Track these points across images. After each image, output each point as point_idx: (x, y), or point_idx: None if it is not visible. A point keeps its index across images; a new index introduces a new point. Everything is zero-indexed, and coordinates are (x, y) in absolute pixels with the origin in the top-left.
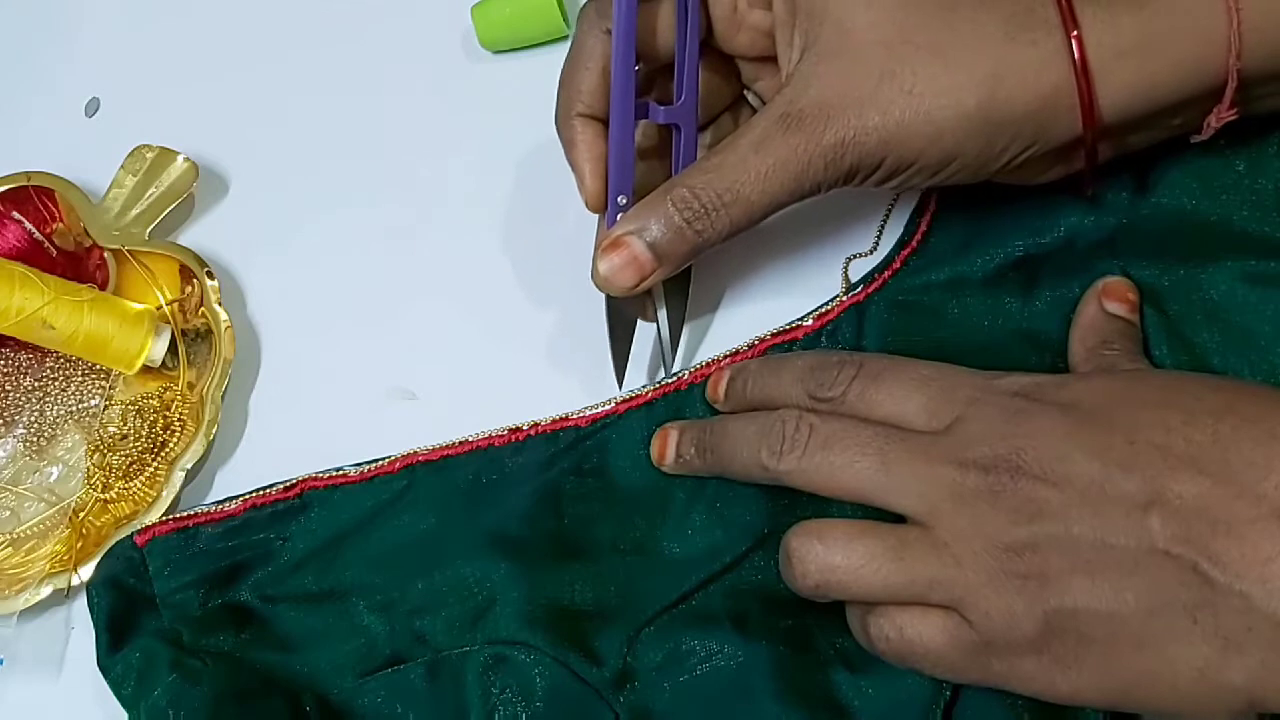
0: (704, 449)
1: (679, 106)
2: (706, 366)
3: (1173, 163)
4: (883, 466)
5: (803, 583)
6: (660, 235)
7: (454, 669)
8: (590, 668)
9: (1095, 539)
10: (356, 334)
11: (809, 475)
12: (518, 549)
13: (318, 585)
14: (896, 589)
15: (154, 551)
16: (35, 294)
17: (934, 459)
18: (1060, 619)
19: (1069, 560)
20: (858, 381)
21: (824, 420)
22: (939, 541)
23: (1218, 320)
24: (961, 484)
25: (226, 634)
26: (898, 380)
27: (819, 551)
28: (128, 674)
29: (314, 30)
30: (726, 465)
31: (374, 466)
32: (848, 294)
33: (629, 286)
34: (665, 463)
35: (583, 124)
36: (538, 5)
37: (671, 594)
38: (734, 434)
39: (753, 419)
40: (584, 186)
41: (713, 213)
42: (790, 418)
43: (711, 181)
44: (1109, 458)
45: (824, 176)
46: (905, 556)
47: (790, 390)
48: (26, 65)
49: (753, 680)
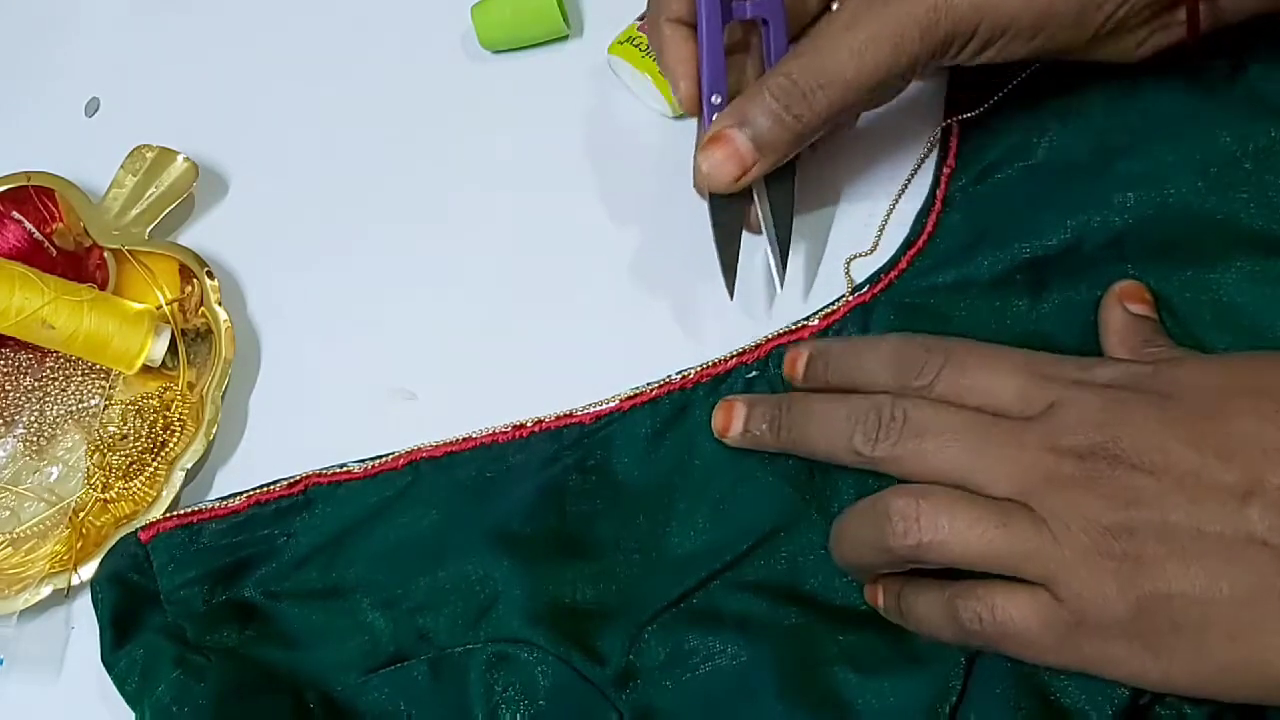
0: (780, 426)
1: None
2: (712, 366)
3: (1180, 161)
4: (975, 451)
5: (903, 541)
6: (761, 125)
7: (457, 667)
8: (593, 666)
9: (1191, 527)
10: (356, 334)
11: (902, 462)
12: (520, 546)
13: (321, 582)
14: (996, 555)
15: (158, 547)
16: (35, 294)
17: (1028, 445)
18: (1153, 603)
19: (1165, 546)
20: (948, 369)
21: (916, 406)
22: (1038, 518)
23: (1227, 320)
24: (1056, 470)
25: (230, 630)
26: (989, 368)
27: (925, 510)
28: (131, 670)
29: (314, 30)
30: (809, 446)
31: (378, 463)
32: (853, 294)
33: (731, 180)
34: (730, 435)
35: (671, 29)
36: (538, 5)
37: (673, 592)
38: (821, 417)
39: (842, 402)
40: (678, 89)
41: (810, 95)
42: (885, 404)
43: (806, 65)
44: (1206, 447)
45: (919, 48)
46: (1008, 524)
47: (876, 376)
48: (26, 65)
49: (756, 679)
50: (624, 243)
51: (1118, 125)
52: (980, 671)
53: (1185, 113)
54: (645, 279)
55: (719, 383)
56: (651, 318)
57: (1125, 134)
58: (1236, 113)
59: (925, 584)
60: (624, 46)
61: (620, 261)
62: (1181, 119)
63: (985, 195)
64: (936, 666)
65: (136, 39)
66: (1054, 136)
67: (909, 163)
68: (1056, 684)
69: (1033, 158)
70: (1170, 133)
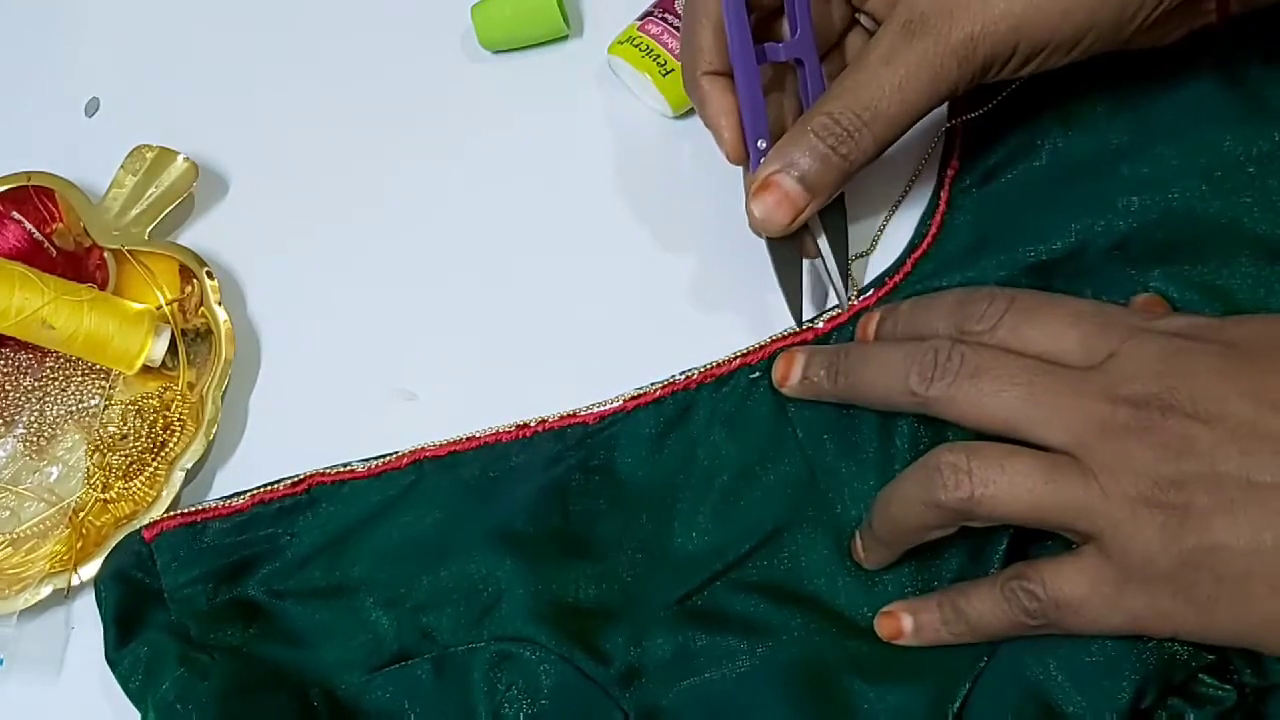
0: (838, 372)
1: (796, 40)
2: (715, 367)
3: (1183, 165)
4: (1031, 397)
5: (954, 494)
6: (808, 167)
7: (460, 665)
8: (596, 665)
9: (1241, 477)
10: (356, 334)
11: (956, 403)
12: (523, 545)
13: (325, 580)
14: (1045, 510)
15: (162, 546)
16: (35, 294)
17: (1085, 394)
18: (1197, 556)
19: (1212, 498)
20: (1010, 315)
21: (974, 350)
22: (1087, 470)
23: None
24: (1111, 419)
25: (234, 628)
26: (1052, 315)
27: (977, 465)
28: (135, 668)
29: (314, 30)
30: (865, 390)
31: (382, 462)
32: (858, 297)
33: (785, 224)
34: (790, 383)
35: (709, 81)
36: (538, 5)
37: (677, 592)
38: (878, 358)
39: (900, 345)
40: (723, 141)
41: (855, 134)
42: (943, 345)
43: (848, 103)
44: (1263, 399)
45: (958, 75)
46: (1057, 479)
47: (939, 325)
48: (26, 65)
49: (761, 679)
50: (624, 243)
51: (1121, 128)
52: (985, 679)
53: (1189, 116)
54: (647, 279)
55: (722, 383)
56: (654, 317)
57: (1129, 137)
58: (1240, 116)
59: (973, 585)
60: (624, 46)
61: (621, 262)
62: (1185, 122)
63: (989, 198)
64: (942, 673)
65: (136, 39)
66: (1057, 139)
67: (913, 165)
68: (1059, 691)
69: (1036, 160)
70: (1174, 136)
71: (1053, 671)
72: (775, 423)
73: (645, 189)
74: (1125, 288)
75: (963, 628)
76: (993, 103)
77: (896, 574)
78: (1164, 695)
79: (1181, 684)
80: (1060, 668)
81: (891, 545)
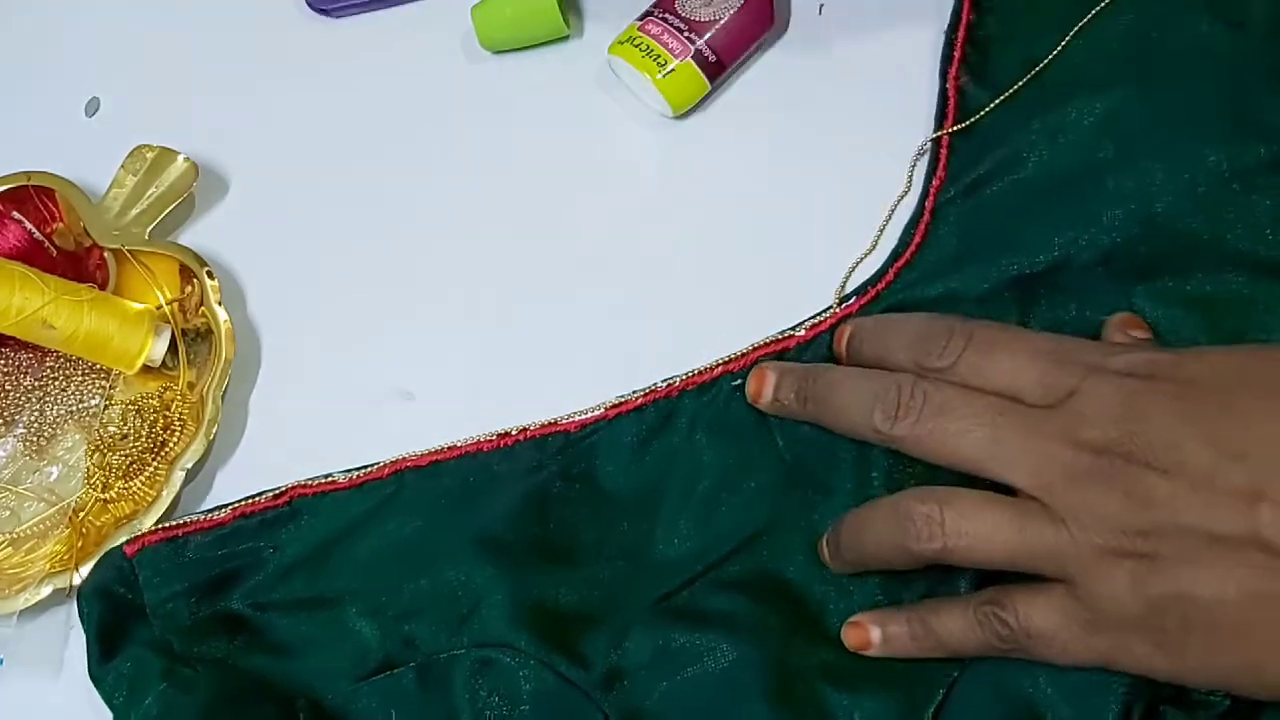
0: (806, 397)
1: None
2: (697, 374)
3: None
4: (995, 439)
5: (927, 545)
6: None
7: (442, 673)
8: (577, 669)
9: (1204, 530)
10: (356, 334)
11: (922, 442)
12: (503, 552)
13: (308, 592)
14: (1017, 556)
15: (144, 561)
16: (35, 294)
17: (1047, 436)
18: (1165, 602)
19: (1177, 549)
20: (969, 353)
21: (937, 388)
22: (1055, 517)
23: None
24: (1074, 464)
25: (218, 642)
26: (1009, 352)
27: (949, 517)
28: (119, 683)
29: (313, 30)
30: (833, 419)
31: (363, 473)
32: (840, 305)
33: None
34: (761, 401)
35: None
36: (538, 5)
37: (657, 595)
38: (845, 389)
39: (866, 377)
40: None
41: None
42: (906, 383)
43: None
44: (1221, 447)
45: None
46: (1026, 528)
47: (899, 356)
48: (26, 65)
49: (743, 681)
50: (622, 244)
51: (1107, 142)
52: (968, 688)
53: (1174, 131)
54: (641, 282)
55: (704, 391)
56: (654, 317)
57: (1114, 150)
58: (1224, 132)
59: (945, 603)
60: (624, 46)
61: (615, 265)
62: (1170, 137)
63: (974, 209)
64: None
65: (136, 39)
66: (1043, 152)
67: (899, 175)
68: (1046, 704)
69: (1022, 172)
70: (1158, 150)
71: (1041, 684)
72: (756, 430)
73: (645, 190)
74: (1108, 301)
75: (931, 643)
76: (980, 115)
77: (865, 582)
78: (1155, 705)
79: (1174, 692)
80: (1049, 680)
81: (856, 568)
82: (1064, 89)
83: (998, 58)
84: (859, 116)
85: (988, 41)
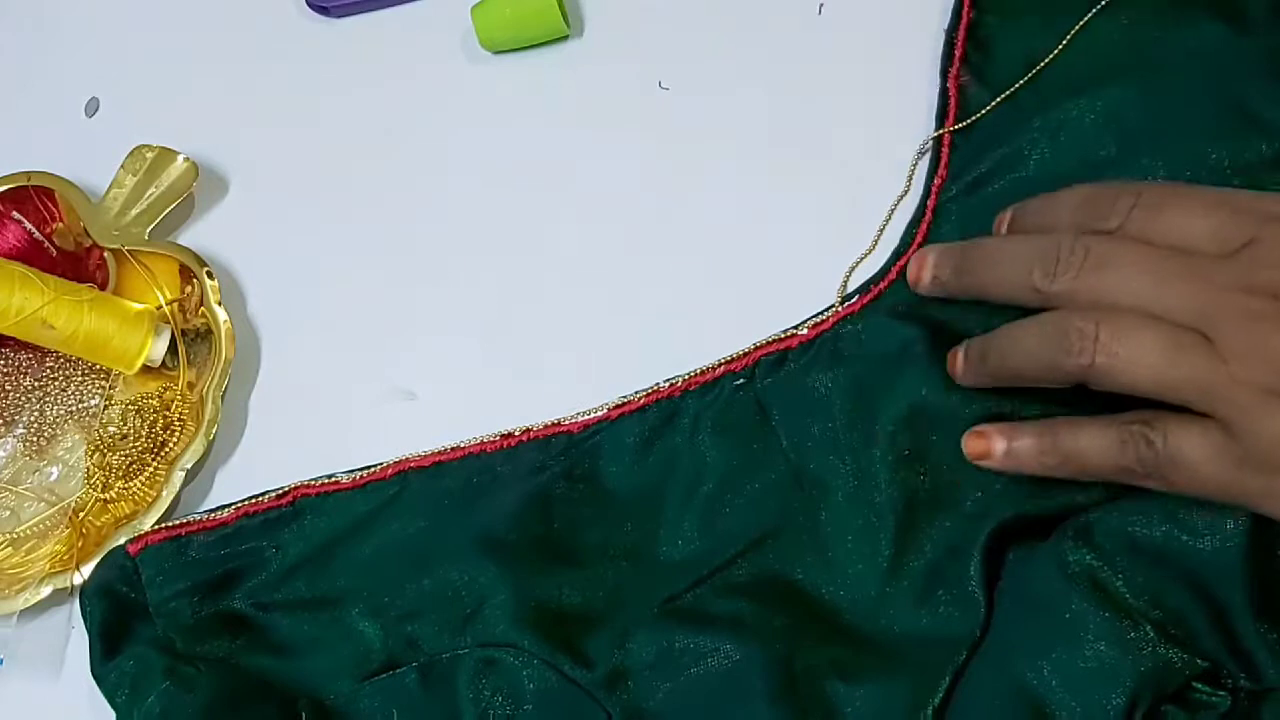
0: (962, 270)
1: None
2: (699, 374)
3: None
4: (1160, 282)
5: (1077, 360)
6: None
7: (446, 673)
8: (580, 669)
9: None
10: (356, 334)
11: (1082, 295)
12: (506, 552)
13: (311, 591)
14: (1170, 385)
15: (146, 560)
16: (35, 294)
17: (1219, 281)
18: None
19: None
20: (1138, 211)
21: (1100, 242)
22: (1216, 354)
23: None
24: (1247, 306)
25: (220, 641)
26: (1181, 207)
27: (1104, 332)
28: (121, 682)
29: (313, 30)
30: (989, 285)
31: (367, 473)
32: (843, 304)
33: None
34: (922, 283)
35: None
36: (538, 6)
37: (661, 596)
38: (1002, 253)
39: (1025, 240)
40: None
41: None
42: (1067, 239)
43: None
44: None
45: None
46: (1181, 358)
47: (1063, 223)
48: (26, 65)
49: (747, 680)
50: (620, 246)
51: (1108, 139)
52: (974, 679)
53: (1174, 127)
54: (642, 282)
55: (706, 390)
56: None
57: (1115, 148)
58: (1226, 129)
59: (1083, 421)
60: None
61: (616, 265)
62: (1171, 135)
63: (976, 207)
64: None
65: (136, 39)
66: (1045, 150)
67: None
68: (1052, 695)
69: (1024, 170)
70: (1159, 147)
71: (1046, 675)
72: (759, 429)
73: (646, 190)
74: None
75: (1059, 461)
76: (981, 114)
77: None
78: (1158, 703)
79: (1176, 691)
80: (1055, 672)
81: (1000, 383)
82: (1065, 87)
83: (998, 56)
84: (859, 116)
85: (989, 40)
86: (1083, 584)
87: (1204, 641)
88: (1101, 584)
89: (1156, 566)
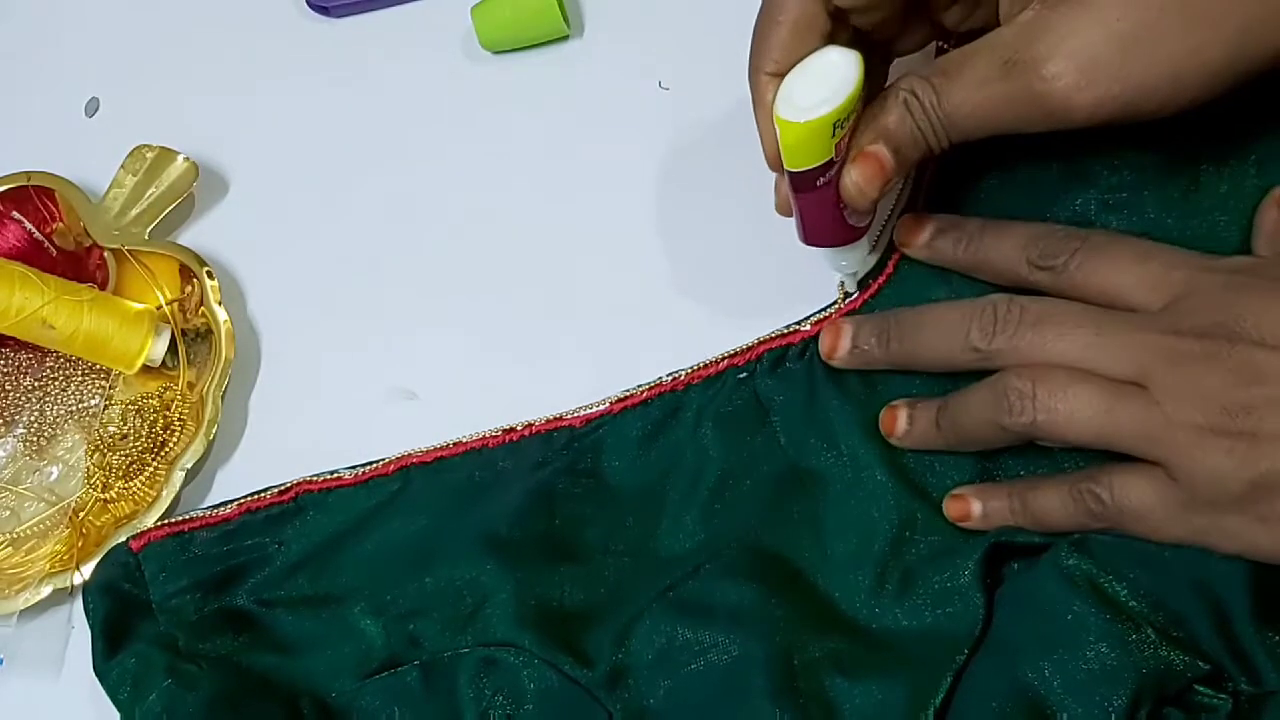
0: (889, 338)
1: None
2: (703, 368)
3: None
4: (1096, 336)
5: (1018, 419)
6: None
7: (447, 672)
8: (581, 668)
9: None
10: (356, 334)
11: (1020, 351)
12: (508, 550)
13: (313, 589)
14: (1109, 434)
15: (149, 557)
16: (35, 294)
17: (1150, 329)
18: (1269, 479)
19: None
20: (1081, 252)
21: (1034, 301)
22: (1151, 400)
23: None
24: (1176, 348)
25: (223, 638)
26: (1120, 252)
27: (1041, 390)
28: (124, 679)
29: (313, 30)
30: (923, 353)
31: (369, 469)
32: (844, 300)
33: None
34: (837, 355)
35: (769, 83)
36: (538, 5)
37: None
38: (934, 321)
39: (954, 305)
40: (764, 145)
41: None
42: (1001, 300)
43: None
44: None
45: (1043, 126)
46: (1118, 407)
47: (1011, 255)
48: (26, 65)
49: (747, 676)
50: (621, 244)
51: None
52: (975, 679)
53: None
54: (642, 280)
55: (709, 385)
56: (650, 317)
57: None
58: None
59: (1043, 481)
60: None
61: (618, 262)
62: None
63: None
64: (923, 669)
65: (136, 39)
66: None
67: None
68: (1053, 697)
69: (1015, 168)
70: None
71: (1048, 676)
72: (759, 423)
73: (647, 188)
74: None
75: (1029, 520)
76: None
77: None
78: (1159, 705)
79: (1177, 694)
80: (1055, 673)
81: (955, 448)
82: None
83: None
84: None
85: None
86: (1082, 587)
87: (1205, 644)
88: (1101, 588)
89: (1156, 570)
